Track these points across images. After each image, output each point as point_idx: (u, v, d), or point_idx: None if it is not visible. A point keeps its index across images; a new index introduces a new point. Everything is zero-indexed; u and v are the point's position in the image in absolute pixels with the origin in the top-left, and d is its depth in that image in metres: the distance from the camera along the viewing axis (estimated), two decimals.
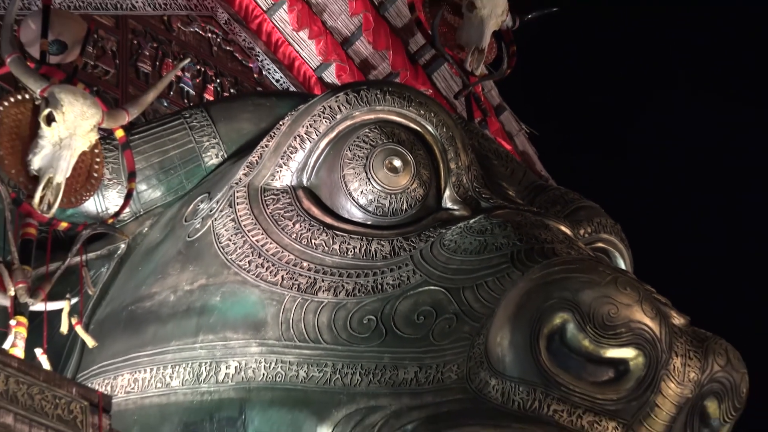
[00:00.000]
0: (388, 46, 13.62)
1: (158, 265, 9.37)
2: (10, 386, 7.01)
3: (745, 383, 8.55)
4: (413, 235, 8.84)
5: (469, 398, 8.16)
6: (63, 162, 8.09)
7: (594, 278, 8.21)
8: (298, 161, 9.22)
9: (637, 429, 8.10)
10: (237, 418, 8.56)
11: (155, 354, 8.97)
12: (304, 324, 8.61)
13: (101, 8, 12.90)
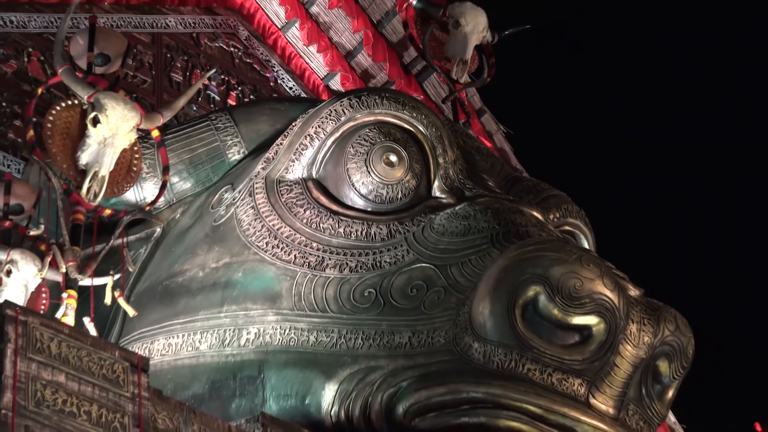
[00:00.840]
0: (385, 59, 13.61)
1: (188, 246, 9.39)
2: (62, 350, 7.02)
3: (692, 346, 8.60)
4: (407, 219, 8.87)
5: (455, 359, 8.21)
6: (107, 158, 8.10)
7: (562, 256, 8.27)
8: (308, 157, 9.24)
9: (599, 385, 8.15)
10: (256, 377, 8.61)
11: (186, 322, 9.01)
12: (314, 296, 8.65)
13: (139, 26, 12.90)
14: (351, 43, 13.88)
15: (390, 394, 8.18)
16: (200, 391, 8.72)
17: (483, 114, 13.63)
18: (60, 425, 6.75)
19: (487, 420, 8.02)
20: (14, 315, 6.98)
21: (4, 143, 11.25)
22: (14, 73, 11.79)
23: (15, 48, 11.95)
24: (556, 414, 8.03)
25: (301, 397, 8.43)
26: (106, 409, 6.98)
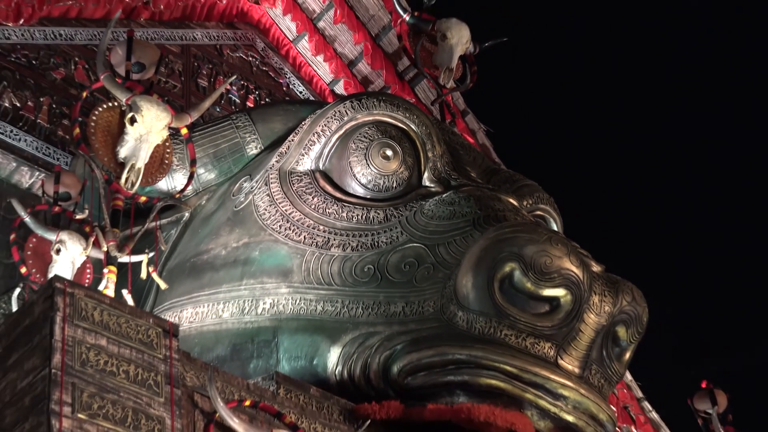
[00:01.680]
0: (382, 67, 13.59)
1: (213, 228, 9.39)
2: (103, 317, 7.02)
3: (646, 314, 8.63)
4: (401, 205, 8.88)
5: (442, 325, 8.23)
6: (142, 152, 8.09)
7: (534, 237, 8.28)
8: (315, 151, 9.24)
9: (566, 349, 8.18)
10: (271, 340, 8.63)
11: (211, 294, 9.02)
12: (321, 271, 8.66)
13: (170, 39, 12.89)
14: (353, 54, 13.86)
15: (386, 356, 8.22)
16: (223, 353, 8.73)
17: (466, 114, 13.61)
18: (102, 383, 6.76)
19: (470, 378, 8.06)
20: (63, 287, 6.99)
21: (54, 139, 11.25)
22: (63, 79, 11.78)
23: (63, 57, 11.94)
24: (529, 373, 8.06)
25: (309, 359, 8.46)
26: (142, 368, 6.99)
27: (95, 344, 6.89)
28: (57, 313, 6.88)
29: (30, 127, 11.22)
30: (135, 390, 6.86)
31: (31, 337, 6.96)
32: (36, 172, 10.92)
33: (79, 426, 6.54)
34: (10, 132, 11.02)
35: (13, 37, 11.62)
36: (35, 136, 11.18)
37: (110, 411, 6.70)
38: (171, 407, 6.94)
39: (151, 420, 6.81)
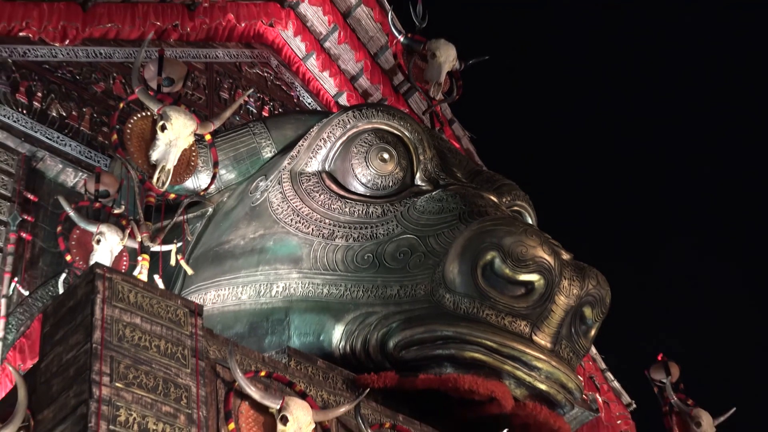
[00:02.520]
0: (380, 81, 13.58)
1: (233, 222, 9.38)
2: (138, 299, 7.02)
3: (608, 296, 8.63)
4: (396, 202, 8.87)
5: (432, 306, 8.24)
6: (171, 155, 8.08)
7: (512, 229, 8.29)
8: (322, 155, 9.23)
9: (539, 326, 8.19)
10: (284, 319, 8.63)
11: (231, 279, 9.01)
12: (326, 259, 8.67)
13: (196, 57, 12.89)
14: (354, 70, 13.84)
15: (383, 333, 8.24)
16: (241, 330, 8.73)
17: (453, 123, 13.59)
18: (136, 356, 6.76)
19: (456, 352, 8.07)
20: (102, 273, 6.99)
21: (95, 144, 11.24)
22: (103, 92, 11.77)
23: (103, 73, 11.93)
24: (508, 347, 8.07)
25: (317, 335, 8.46)
26: (171, 343, 6.99)
27: (130, 322, 6.89)
28: (97, 295, 6.88)
29: (74, 134, 11.21)
30: (165, 362, 6.86)
31: (74, 316, 6.96)
32: (79, 172, 10.92)
33: (116, 393, 6.54)
34: (57, 138, 11.03)
35: (59, 55, 11.61)
36: (79, 141, 11.18)
37: (143, 380, 6.70)
38: (196, 377, 6.94)
39: (179, 388, 6.81)
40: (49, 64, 11.52)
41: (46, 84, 11.36)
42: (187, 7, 12.33)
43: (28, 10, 10.88)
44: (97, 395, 6.47)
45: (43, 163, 10.90)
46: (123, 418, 6.48)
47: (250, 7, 13.11)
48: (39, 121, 11.03)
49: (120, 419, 6.46)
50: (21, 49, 11.30)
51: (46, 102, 11.23)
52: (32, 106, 11.08)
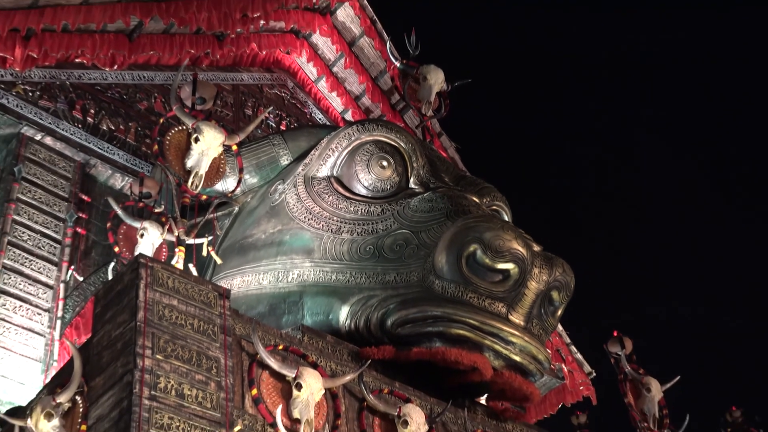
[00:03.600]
0: (380, 100, 13.58)
1: (255, 219, 9.36)
2: (175, 284, 7.01)
3: (573, 282, 8.62)
4: (393, 202, 8.86)
5: (423, 290, 8.23)
6: (203, 163, 8.07)
7: (491, 226, 8.28)
8: (331, 162, 9.21)
9: (514, 307, 8.19)
10: (298, 301, 8.62)
11: (254, 267, 8.99)
12: (334, 250, 8.66)
13: (224, 80, 12.89)
14: (358, 91, 13.83)
15: (382, 313, 8.23)
16: (262, 310, 8.71)
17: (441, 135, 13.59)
18: (173, 332, 6.75)
19: (444, 329, 8.06)
20: (145, 262, 6.98)
21: (139, 153, 11.25)
22: (145, 109, 11.77)
23: (146, 93, 11.93)
24: (487, 325, 8.07)
25: (326, 315, 8.44)
26: (203, 322, 6.98)
27: (169, 304, 6.88)
28: (141, 281, 6.87)
29: (121, 145, 11.22)
30: (198, 338, 6.85)
31: (122, 299, 6.95)
32: (126, 177, 10.93)
33: (157, 364, 6.53)
34: (107, 148, 11.04)
35: (109, 78, 11.61)
36: (125, 151, 11.19)
37: (180, 353, 6.69)
38: (224, 350, 6.94)
39: (209, 360, 6.81)
40: (101, 86, 11.52)
41: (98, 102, 11.36)
42: (217, 38, 12.32)
43: (83, 40, 10.88)
44: (141, 365, 6.46)
45: (95, 169, 10.90)
46: (162, 385, 6.47)
47: (270, 37, 13.11)
48: (92, 133, 11.04)
49: (160, 386, 6.46)
50: (77, 72, 11.31)
51: (98, 118, 11.23)
52: (86, 121, 11.08)
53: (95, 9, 10.65)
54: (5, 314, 9.42)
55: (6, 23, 10.08)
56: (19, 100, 10.63)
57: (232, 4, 11.85)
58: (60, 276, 9.97)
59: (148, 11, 11.08)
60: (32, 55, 10.39)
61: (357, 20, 13.32)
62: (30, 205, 10.14)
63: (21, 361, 9.25)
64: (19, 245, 9.88)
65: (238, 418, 6.77)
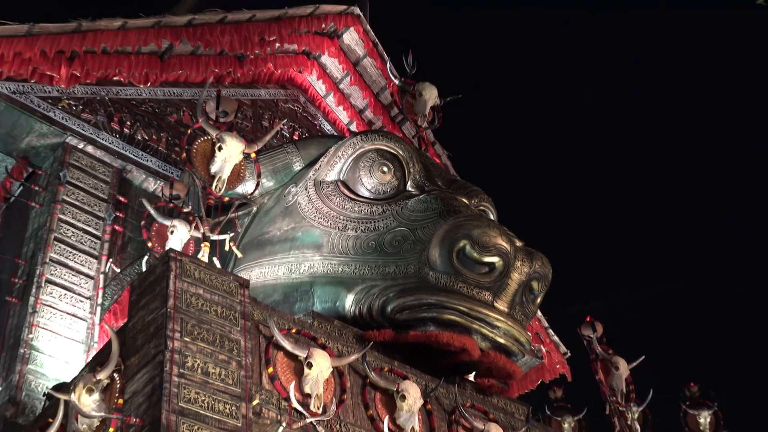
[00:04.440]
0: (380, 114, 13.56)
1: (271, 218, 9.33)
2: (201, 275, 7.01)
3: (550, 274, 8.59)
4: (393, 203, 8.83)
5: (419, 281, 8.21)
6: (226, 169, 8.08)
7: (479, 224, 8.27)
8: (338, 168, 9.18)
9: (499, 296, 8.18)
10: (309, 290, 8.59)
11: (270, 260, 8.97)
12: (341, 246, 8.63)
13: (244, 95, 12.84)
14: (361, 105, 13.82)
15: (383, 300, 8.22)
16: (278, 298, 8.68)
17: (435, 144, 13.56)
18: (200, 318, 6.75)
19: (437, 315, 8.05)
20: (174, 256, 6.97)
21: (169, 160, 11.24)
22: (175, 121, 11.75)
23: (176, 107, 11.91)
24: (476, 311, 8.06)
25: (333, 302, 8.43)
26: (225, 308, 6.98)
27: (195, 293, 6.88)
28: (171, 272, 6.87)
29: (154, 152, 11.21)
30: (221, 322, 6.85)
31: (154, 288, 6.95)
32: (158, 181, 10.92)
33: (185, 346, 6.54)
34: (141, 155, 11.04)
35: (143, 94, 11.60)
36: (157, 158, 11.18)
37: (205, 336, 6.70)
38: (244, 333, 6.94)
39: (231, 341, 6.81)
40: (136, 101, 11.51)
41: (133, 115, 11.36)
42: (238, 59, 12.32)
43: (120, 61, 10.89)
44: (171, 347, 6.47)
45: (131, 174, 10.90)
46: (189, 364, 6.47)
47: (284, 58, 13.10)
48: (128, 143, 11.04)
49: (187, 365, 6.46)
50: (115, 89, 11.30)
51: (133, 129, 11.23)
52: (123, 132, 11.08)
53: (131, 33, 10.68)
54: (52, 301, 9.42)
55: (53, 46, 10.12)
56: (64, 114, 10.63)
57: (251, 29, 11.88)
58: (100, 268, 9.97)
59: (178, 35, 11.12)
60: (75, 74, 10.41)
61: (361, 43, 13.31)
62: (73, 206, 10.15)
63: (65, 342, 9.26)
64: (64, 241, 9.88)
65: (256, 393, 6.78)
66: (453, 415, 7.92)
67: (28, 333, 9.07)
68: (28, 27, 9.93)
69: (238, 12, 11.74)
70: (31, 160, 10.62)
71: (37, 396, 8.70)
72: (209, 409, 6.35)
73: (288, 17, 12.27)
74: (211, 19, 11.46)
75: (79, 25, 10.29)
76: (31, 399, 8.67)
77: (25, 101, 10.35)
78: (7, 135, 10.39)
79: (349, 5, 13.00)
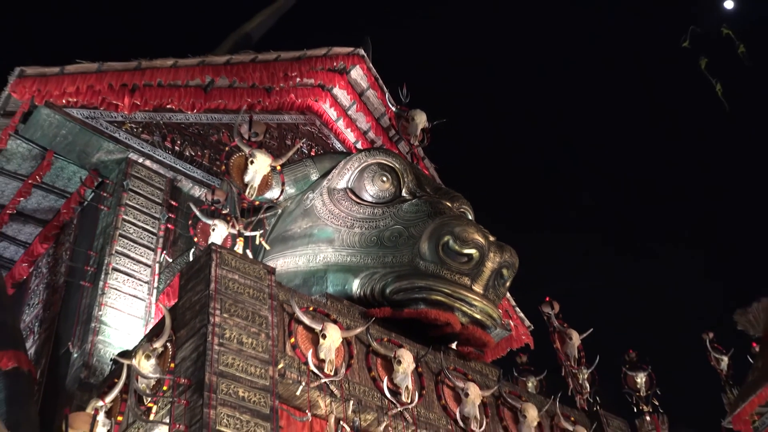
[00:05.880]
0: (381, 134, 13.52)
1: (293, 218, 9.30)
2: (236, 264, 7.00)
3: (517, 263, 8.57)
4: (391, 206, 8.80)
5: (412, 269, 8.20)
6: (257, 179, 8.08)
7: (460, 223, 8.25)
8: (346, 178, 9.15)
9: (476, 280, 8.17)
10: (323, 276, 8.55)
11: (292, 252, 8.91)
12: (349, 240, 8.61)
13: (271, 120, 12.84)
14: (365, 127, 13.77)
15: (383, 284, 8.20)
16: (298, 282, 8.65)
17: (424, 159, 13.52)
18: (235, 298, 6.74)
19: (426, 296, 8.04)
20: (216, 248, 6.96)
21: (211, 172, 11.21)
22: (216, 140, 11.71)
23: (216, 129, 11.87)
24: (457, 293, 8.06)
25: (343, 286, 8.40)
26: (256, 291, 6.97)
27: (232, 278, 6.87)
28: (212, 262, 6.86)
29: (199, 165, 11.17)
30: (252, 302, 6.85)
31: (199, 274, 6.94)
32: (202, 189, 10.89)
33: (224, 320, 6.52)
34: (189, 168, 11.00)
35: (190, 119, 11.57)
36: (202, 170, 11.14)
37: (240, 312, 6.69)
38: (271, 311, 6.93)
39: (260, 317, 6.80)
40: (184, 124, 11.49)
41: (182, 136, 11.33)
42: (266, 90, 12.29)
43: (172, 92, 10.90)
44: (212, 321, 6.46)
45: (180, 183, 10.87)
46: (227, 335, 6.46)
47: (304, 90, 13.09)
48: (178, 158, 11.00)
49: (226, 336, 6.45)
50: (167, 115, 11.28)
51: (182, 146, 11.20)
52: (174, 149, 11.05)
53: (181, 70, 10.69)
54: (117, 285, 9.41)
55: (118, 80, 10.14)
56: (127, 134, 10.61)
57: (277, 67, 11.89)
58: (155, 258, 9.95)
59: (218, 72, 11.12)
60: (136, 103, 10.40)
61: (365, 78, 13.29)
62: (134, 208, 10.12)
63: (128, 318, 9.24)
64: (127, 236, 9.86)
65: (281, 359, 6.77)
66: (439, 376, 7.92)
67: (98, 311, 9.06)
68: (98, 65, 9.94)
69: (266, 53, 11.75)
70: (100, 172, 10.60)
71: (105, 361, 8.68)
72: (243, 371, 6.35)
73: (306, 57, 12.27)
74: (245, 58, 11.47)
75: (139, 64, 10.28)
76: (101, 363, 8.66)
77: (96, 124, 10.33)
78: (81, 152, 10.39)
79: (355, 48, 13.00)
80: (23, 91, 9.54)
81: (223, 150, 10.26)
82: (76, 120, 10.14)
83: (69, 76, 9.77)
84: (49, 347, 9.61)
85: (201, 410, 5.94)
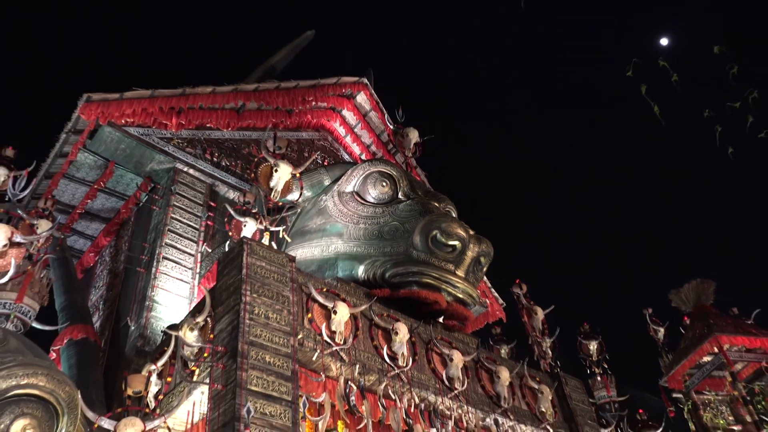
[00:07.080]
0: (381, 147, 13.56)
1: (309, 216, 9.28)
2: (264, 253, 6.99)
3: (492, 252, 8.53)
4: (389, 206, 8.79)
5: (407, 257, 8.17)
6: (280, 184, 8.09)
7: (446, 220, 8.23)
8: (353, 183, 9.14)
9: (459, 266, 8.14)
10: (334, 263, 8.54)
11: (309, 243, 8.89)
12: (355, 234, 8.60)
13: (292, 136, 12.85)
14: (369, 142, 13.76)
15: (383, 270, 8.18)
16: (314, 269, 8.65)
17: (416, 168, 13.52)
18: (263, 281, 6.73)
19: (418, 279, 8.03)
20: (247, 241, 6.95)
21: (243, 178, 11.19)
22: (247, 153, 11.70)
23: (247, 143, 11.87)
24: (444, 277, 8.05)
25: (350, 271, 8.39)
26: (280, 275, 6.96)
27: (260, 265, 6.86)
28: (244, 252, 6.86)
29: (233, 173, 11.17)
30: (276, 284, 6.84)
31: (233, 262, 6.94)
32: (236, 192, 10.88)
33: (253, 300, 6.52)
34: (225, 175, 10.98)
35: (226, 135, 11.56)
36: (235, 177, 11.12)
37: (266, 293, 6.68)
38: (292, 292, 6.93)
39: (283, 296, 6.79)
40: (221, 140, 11.48)
41: (220, 149, 11.33)
42: (288, 112, 12.30)
43: (211, 114, 10.90)
44: (244, 300, 6.47)
45: (218, 187, 10.85)
46: (256, 312, 6.47)
47: (318, 112, 13.08)
48: (216, 167, 10.99)
49: (255, 312, 6.45)
50: (207, 132, 11.27)
51: (219, 158, 11.19)
52: (213, 160, 11.04)
53: (218, 96, 10.70)
54: (167, 271, 9.41)
55: (167, 104, 10.16)
56: (174, 148, 10.61)
57: (297, 93, 11.91)
58: (197, 249, 9.94)
59: (248, 98, 11.14)
60: (181, 122, 10.41)
61: (368, 102, 13.29)
62: (180, 208, 10.12)
63: (175, 298, 9.25)
64: (174, 231, 9.87)
65: (300, 331, 6.78)
66: (429, 345, 7.92)
67: (151, 291, 9.06)
68: (150, 92, 9.96)
69: (287, 82, 11.78)
70: (153, 179, 10.61)
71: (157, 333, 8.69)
72: (269, 341, 6.36)
73: (320, 85, 12.28)
74: (270, 86, 11.49)
75: (184, 91, 10.29)
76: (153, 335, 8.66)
77: (149, 140, 10.34)
78: (138, 162, 10.40)
79: (360, 77, 13.01)
80: (90, 113, 9.58)
81: (253, 160, 10.27)
82: (132, 136, 10.16)
83: (127, 101, 9.79)
84: (111, 322, 9.63)
85: (235, 372, 5.97)
